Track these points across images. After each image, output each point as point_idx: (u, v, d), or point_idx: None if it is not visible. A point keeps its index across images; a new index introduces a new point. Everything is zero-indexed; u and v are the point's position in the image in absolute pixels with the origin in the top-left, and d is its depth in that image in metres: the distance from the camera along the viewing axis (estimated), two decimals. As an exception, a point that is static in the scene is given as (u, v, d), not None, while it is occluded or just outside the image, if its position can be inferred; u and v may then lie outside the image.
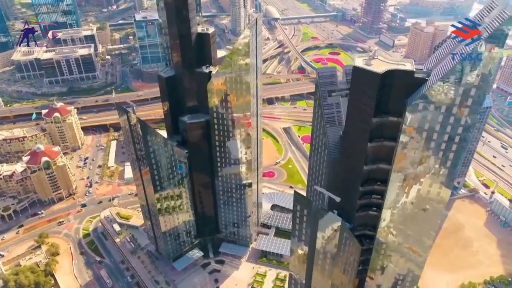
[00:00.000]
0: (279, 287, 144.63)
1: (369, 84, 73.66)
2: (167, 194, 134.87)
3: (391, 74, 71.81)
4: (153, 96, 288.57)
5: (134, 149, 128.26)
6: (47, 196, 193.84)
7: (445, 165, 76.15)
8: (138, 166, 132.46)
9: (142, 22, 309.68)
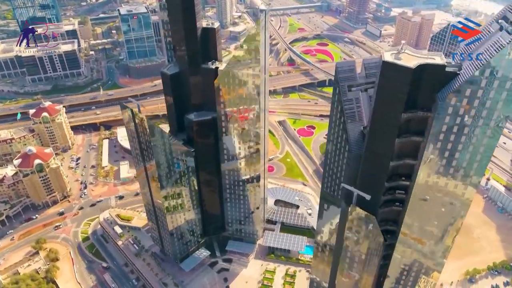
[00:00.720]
0: (289, 283, 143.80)
1: (400, 79, 72.17)
2: (174, 193, 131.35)
3: (422, 69, 70.40)
4: (142, 93, 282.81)
5: (140, 149, 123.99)
6: (41, 200, 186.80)
7: (474, 160, 75.67)
8: (144, 166, 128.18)
9: (127, 16, 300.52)
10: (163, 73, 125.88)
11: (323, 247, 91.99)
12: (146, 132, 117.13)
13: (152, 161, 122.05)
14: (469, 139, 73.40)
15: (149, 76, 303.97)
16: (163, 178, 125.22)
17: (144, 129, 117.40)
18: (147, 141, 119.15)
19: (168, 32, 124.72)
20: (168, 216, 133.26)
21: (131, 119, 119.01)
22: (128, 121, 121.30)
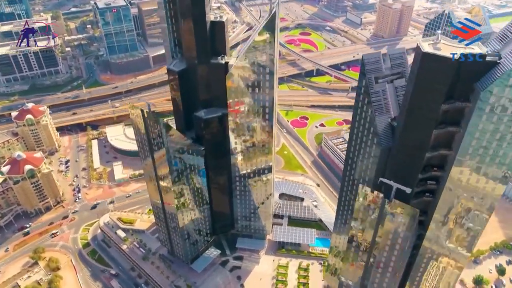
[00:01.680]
0: (304, 276, 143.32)
1: (441, 70, 71.15)
2: (184, 193, 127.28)
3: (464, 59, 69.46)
4: (127, 89, 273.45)
5: (150, 150, 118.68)
6: (33, 207, 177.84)
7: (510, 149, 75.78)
8: (153, 167, 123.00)
9: (106, 10, 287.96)
10: (170, 70, 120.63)
11: (356, 246, 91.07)
12: (159, 133, 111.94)
13: (164, 162, 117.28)
14: (507, 129, 73.35)
15: (132, 72, 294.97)
16: (174, 178, 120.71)
17: (156, 129, 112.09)
18: (159, 142, 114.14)
19: (173, 27, 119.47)
20: (179, 216, 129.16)
21: (141, 120, 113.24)
22: (138, 121, 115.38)
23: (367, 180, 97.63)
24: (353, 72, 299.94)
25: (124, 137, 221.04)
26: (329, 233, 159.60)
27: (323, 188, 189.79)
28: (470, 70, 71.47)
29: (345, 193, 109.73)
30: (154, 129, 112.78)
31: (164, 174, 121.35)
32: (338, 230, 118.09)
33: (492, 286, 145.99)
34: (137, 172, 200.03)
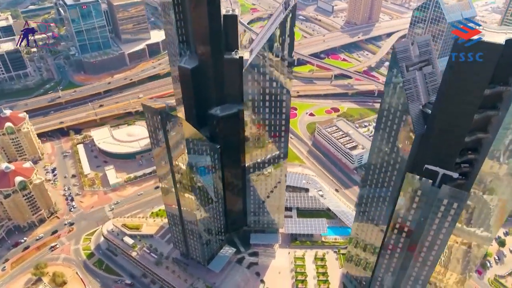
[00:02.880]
0: (321, 266, 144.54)
1: (487, 56, 72.59)
2: (202, 193, 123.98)
3: (509, 43, 71.31)
4: (106, 89, 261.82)
5: (168, 151, 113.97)
6: (26, 221, 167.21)
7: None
8: (170, 169, 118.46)
9: (75, 6, 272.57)
10: (182, 67, 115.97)
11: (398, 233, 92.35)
12: (178, 134, 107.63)
13: (183, 163, 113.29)
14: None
15: (107, 71, 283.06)
16: (193, 179, 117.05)
17: (175, 130, 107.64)
18: (178, 143, 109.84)
19: (180, 22, 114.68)
20: (197, 217, 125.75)
21: (159, 123, 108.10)
22: (154, 122, 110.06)
23: (397, 168, 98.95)
24: (333, 60, 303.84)
25: (112, 139, 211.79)
26: (339, 221, 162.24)
27: (324, 177, 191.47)
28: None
29: (370, 182, 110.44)
30: (172, 131, 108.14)
31: (183, 176, 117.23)
32: (362, 220, 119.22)
33: (494, 258, 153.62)
34: (132, 175, 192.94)
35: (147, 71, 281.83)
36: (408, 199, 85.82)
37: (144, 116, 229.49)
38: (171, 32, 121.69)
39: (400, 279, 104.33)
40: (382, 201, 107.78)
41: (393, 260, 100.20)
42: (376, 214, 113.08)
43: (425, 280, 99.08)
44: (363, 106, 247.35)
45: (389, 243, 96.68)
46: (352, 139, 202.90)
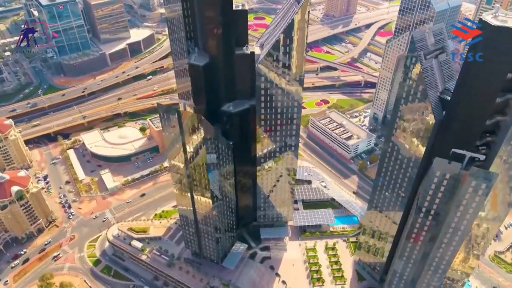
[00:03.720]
0: (333, 255, 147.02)
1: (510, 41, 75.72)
2: (219, 191, 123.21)
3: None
4: (90, 91, 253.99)
5: (184, 151, 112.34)
6: (24, 231, 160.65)
7: None
8: (186, 167, 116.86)
9: (52, 6, 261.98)
10: (193, 65, 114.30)
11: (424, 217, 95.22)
12: (196, 133, 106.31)
13: (200, 161, 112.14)
14: None
15: (89, 72, 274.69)
16: (210, 176, 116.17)
17: (193, 129, 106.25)
18: (196, 142, 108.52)
19: (188, 19, 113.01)
20: (213, 214, 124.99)
21: (176, 122, 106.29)
22: (170, 121, 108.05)
23: (415, 155, 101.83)
24: (316, 52, 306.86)
25: (104, 143, 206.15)
26: (344, 210, 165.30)
27: (322, 169, 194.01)
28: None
29: (385, 170, 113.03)
30: (190, 129, 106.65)
31: (198, 174, 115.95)
32: (376, 208, 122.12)
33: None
34: (129, 178, 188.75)
35: (130, 71, 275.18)
36: (435, 183, 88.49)
37: (133, 118, 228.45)
38: (176, 29, 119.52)
39: (421, 265, 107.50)
40: (399, 188, 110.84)
41: (415, 246, 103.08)
42: (391, 202, 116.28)
43: (447, 264, 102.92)
44: (351, 97, 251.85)
45: (412, 228, 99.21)
46: (347, 130, 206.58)
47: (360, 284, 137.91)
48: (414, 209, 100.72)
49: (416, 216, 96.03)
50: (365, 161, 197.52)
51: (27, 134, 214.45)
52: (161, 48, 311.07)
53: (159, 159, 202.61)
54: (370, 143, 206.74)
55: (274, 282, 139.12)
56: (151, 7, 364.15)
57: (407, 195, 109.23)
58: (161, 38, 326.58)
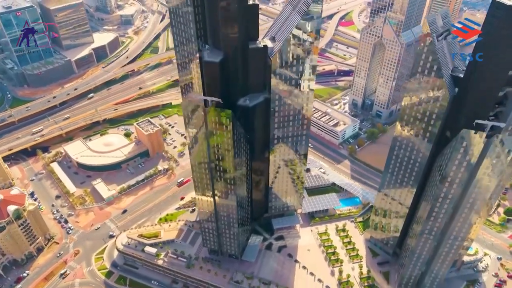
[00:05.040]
0: (345, 236, 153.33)
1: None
2: (240, 186, 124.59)
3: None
4: (61, 101, 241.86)
5: (208, 146, 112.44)
6: (23, 253, 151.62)
7: None
8: (209, 163, 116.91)
9: (8, 14, 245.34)
10: (209, 61, 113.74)
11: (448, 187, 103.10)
12: (222, 127, 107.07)
13: (226, 157, 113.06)
14: None
15: (54, 81, 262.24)
16: (235, 170, 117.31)
17: (217, 123, 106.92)
18: (220, 136, 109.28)
19: (199, 16, 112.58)
20: (234, 209, 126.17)
21: (202, 116, 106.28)
22: (196, 117, 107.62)
23: (430, 130, 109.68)
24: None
25: (90, 152, 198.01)
26: (346, 193, 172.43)
27: (315, 157, 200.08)
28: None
29: (398, 148, 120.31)
30: (217, 124, 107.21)
31: (222, 169, 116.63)
32: (389, 185, 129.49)
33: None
34: (125, 185, 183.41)
35: (101, 77, 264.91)
36: (461, 152, 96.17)
37: (114, 124, 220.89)
38: (185, 29, 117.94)
39: (441, 237, 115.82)
40: (413, 164, 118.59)
41: (437, 218, 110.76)
42: (405, 178, 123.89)
43: (466, 232, 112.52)
44: (327, 86, 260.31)
45: (436, 198, 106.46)
46: (332, 117, 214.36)
47: (375, 260, 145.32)
48: (435, 180, 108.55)
49: (441, 186, 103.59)
50: (353, 145, 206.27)
51: (2, 151, 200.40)
52: (127, 51, 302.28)
53: (151, 163, 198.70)
54: (356, 128, 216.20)
55: (295, 269, 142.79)
56: (109, 10, 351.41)
57: (421, 169, 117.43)
58: (125, 41, 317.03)
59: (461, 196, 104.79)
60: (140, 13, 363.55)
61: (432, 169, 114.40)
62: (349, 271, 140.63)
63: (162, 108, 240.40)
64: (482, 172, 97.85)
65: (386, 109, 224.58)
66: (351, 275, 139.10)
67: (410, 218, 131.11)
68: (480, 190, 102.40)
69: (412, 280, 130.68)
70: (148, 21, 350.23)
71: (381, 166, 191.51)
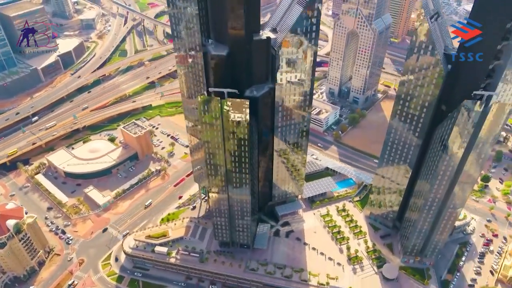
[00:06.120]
0: (346, 215, 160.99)
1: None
2: (251, 174, 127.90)
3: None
4: (34, 112, 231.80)
5: (223, 138, 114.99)
6: (25, 268, 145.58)
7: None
8: (223, 154, 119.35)
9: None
10: (216, 55, 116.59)
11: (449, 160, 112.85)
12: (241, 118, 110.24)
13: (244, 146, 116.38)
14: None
15: (21, 92, 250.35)
16: (251, 161, 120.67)
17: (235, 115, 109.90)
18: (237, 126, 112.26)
19: (203, 11, 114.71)
20: (247, 198, 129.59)
21: (219, 108, 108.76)
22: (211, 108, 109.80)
23: (427, 105, 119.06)
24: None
25: (76, 160, 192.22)
26: (340, 175, 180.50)
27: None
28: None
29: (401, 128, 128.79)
30: (232, 114, 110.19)
31: (240, 160, 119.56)
32: (388, 162, 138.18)
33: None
34: (120, 189, 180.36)
35: (72, 84, 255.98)
36: (463, 121, 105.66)
37: (95, 130, 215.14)
38: (188, 25, 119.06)
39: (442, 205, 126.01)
40: (411, 140, 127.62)
41: (440, 185, 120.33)
42: (403, 152, 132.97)
43: (464, 198, 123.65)
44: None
45: (439, 168, 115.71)
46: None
47: (377, 234, 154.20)
48: (436, 151, 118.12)
49: (444, 155, 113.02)
50: (337, 131, 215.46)
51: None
52: (94, 56, 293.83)
53: (142, 166, 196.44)
54: (337, 115, 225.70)
55: (305, 251, 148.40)
56: (68, 15, 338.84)
57: (420, 143, 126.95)
58: (90, 46, 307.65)
59: (461, 163, 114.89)
60: (101, 17, 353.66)
61: (431, 142, 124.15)
62: (356, 247, 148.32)
63: (142, 111, 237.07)
64: (480, 138, 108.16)
65: (362, 95, 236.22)
66: (358, 250, 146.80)
67: (408, 193, 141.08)
68: (477, 156, 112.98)
69: (416, 248, 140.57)
70: (111, 25, 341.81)
71: (366, 148, 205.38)
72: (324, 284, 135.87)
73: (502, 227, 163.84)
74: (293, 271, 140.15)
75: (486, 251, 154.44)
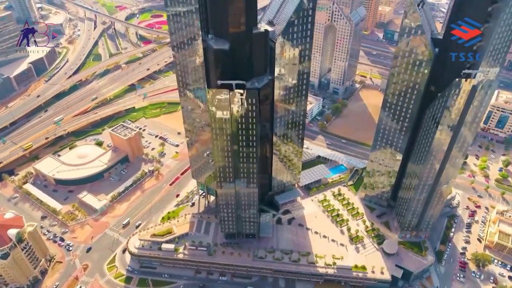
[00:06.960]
0: (343, 199, 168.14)
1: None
2: (258, 165, 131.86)
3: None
4: (12, 121, 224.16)
5: (232, 129, 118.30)
6: (28, 278, 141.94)
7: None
8: (231, 146, 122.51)
9: None
10: (219, 50, 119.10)
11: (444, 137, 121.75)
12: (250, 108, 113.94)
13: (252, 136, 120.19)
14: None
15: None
16: (258, 152, 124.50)
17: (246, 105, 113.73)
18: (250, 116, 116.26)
19: (202, 7, 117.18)
20: (254, 189, 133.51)
21: (228, 100, 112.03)
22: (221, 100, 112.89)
23: (417, 88, 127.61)
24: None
25: (66, 167, 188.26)
26: (331, 163, 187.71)
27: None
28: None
29: (388, 109, 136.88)
30: (241, 105, 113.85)
31: (248, 151, 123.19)
32: (381, 146, 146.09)
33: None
34: (115, 193, 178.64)
35: (49, 91, 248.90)
36: (454, 99, 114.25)
37: (79, 136, 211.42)
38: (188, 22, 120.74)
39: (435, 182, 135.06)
40: (402, 121, 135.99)
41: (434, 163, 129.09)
42: (396, 134, 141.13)
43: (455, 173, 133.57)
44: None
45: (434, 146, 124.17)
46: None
47: (373, 214, 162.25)
48: (429, 129, 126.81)
49: (438, 131, 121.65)
50: (322, 121, 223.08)
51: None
52: (67, 61, 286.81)
53: (134, 168, 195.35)
54: (320, 106, 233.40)
55: (309, 236, 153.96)
56: (33, 21, 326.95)
57: (410, 126, 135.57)
58: (61, 52, 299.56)
59: (452, 139, 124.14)
60: (68, 22, 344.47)
61: (422, 123, 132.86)
62: (355, 228, 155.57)
63: (126, 114, 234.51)
64: (470, 113, 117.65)
65: (341, 85, 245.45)
66: (358, 230, 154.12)
67: (400, 174, 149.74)
68: (467, 132, 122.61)
69: (412, 224, 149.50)
70: (80, 29, 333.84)
71: (351, 135, 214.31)
72: (331, 264, 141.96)
73: (483, 199, 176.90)
74: (300, 255, 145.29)
75: (472, 222, 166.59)
